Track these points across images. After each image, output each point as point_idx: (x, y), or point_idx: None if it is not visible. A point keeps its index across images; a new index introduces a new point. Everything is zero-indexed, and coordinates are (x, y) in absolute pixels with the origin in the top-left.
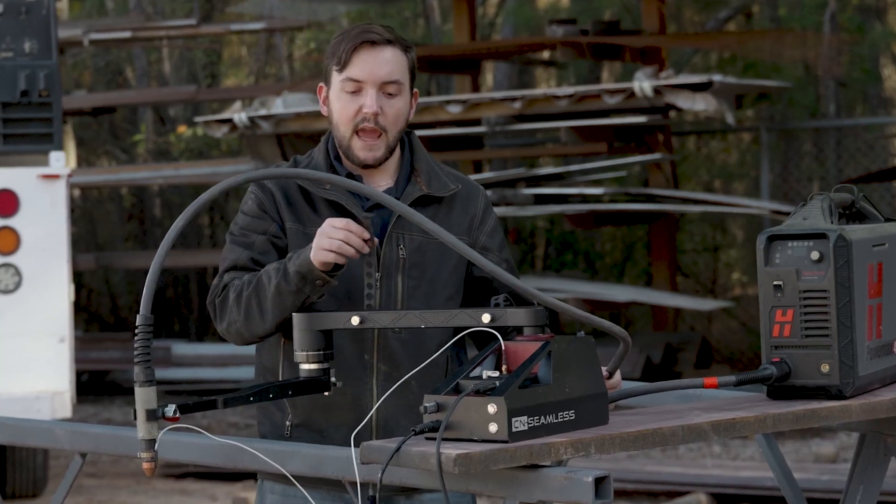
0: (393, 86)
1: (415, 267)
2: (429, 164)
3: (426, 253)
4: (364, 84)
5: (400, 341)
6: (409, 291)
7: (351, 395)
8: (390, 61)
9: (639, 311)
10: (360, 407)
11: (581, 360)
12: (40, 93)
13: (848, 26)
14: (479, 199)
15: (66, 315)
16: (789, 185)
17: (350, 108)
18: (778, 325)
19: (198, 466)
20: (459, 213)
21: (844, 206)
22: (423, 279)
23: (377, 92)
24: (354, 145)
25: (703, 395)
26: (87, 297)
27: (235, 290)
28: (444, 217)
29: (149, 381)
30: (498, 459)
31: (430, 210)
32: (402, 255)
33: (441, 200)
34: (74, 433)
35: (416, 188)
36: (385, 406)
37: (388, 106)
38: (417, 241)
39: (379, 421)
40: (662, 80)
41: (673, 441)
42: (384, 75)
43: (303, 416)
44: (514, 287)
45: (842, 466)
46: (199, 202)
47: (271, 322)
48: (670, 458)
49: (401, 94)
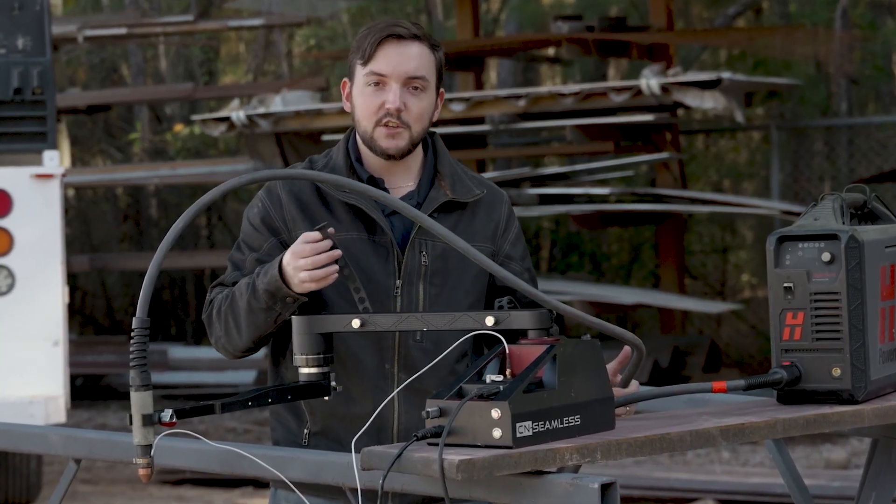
0: (418, 81)
1: (437, 274)
2: (452, 166)
3: (449, 259)
4: (388, 78)
5: (421, 350)
6: (432, 299)
7: (371, 404)
8: (416, 56)
9: (646, 314)
10: (381, 416)
11: (587, 364)
12: (34, 90)
13: (860, 22)
14: (504, 206)
15: (60, 318)
16: (800, 184)
17: (373, 103)
18: (788, 328)
19: (195, 473)
20: (483, 219)
21: (856, 206)
22: (445, 286)
23: (401, 87)
24: (377, 135)
25: (712, 400)
26: (82, 300)
27: (216, 305)
28: (468, 223)
29: (145, 385)
30: (502, 465)
31: (454, 216)
32: (425, 262)
33: (465, 206)
34: (69, 439)
35: (440, 193)
36: (407, 415)
37: (413, 102)
38: (440, 247)
39: (400, 430)
40: (670, 78)
41: (681, 447)
42: (409, 70)
43: (322, 424)
44: (534, 298)
45: (853, 473)
46: (200, 203)
47: (247, 338)
48: (678, 464)
49: (426, 91)
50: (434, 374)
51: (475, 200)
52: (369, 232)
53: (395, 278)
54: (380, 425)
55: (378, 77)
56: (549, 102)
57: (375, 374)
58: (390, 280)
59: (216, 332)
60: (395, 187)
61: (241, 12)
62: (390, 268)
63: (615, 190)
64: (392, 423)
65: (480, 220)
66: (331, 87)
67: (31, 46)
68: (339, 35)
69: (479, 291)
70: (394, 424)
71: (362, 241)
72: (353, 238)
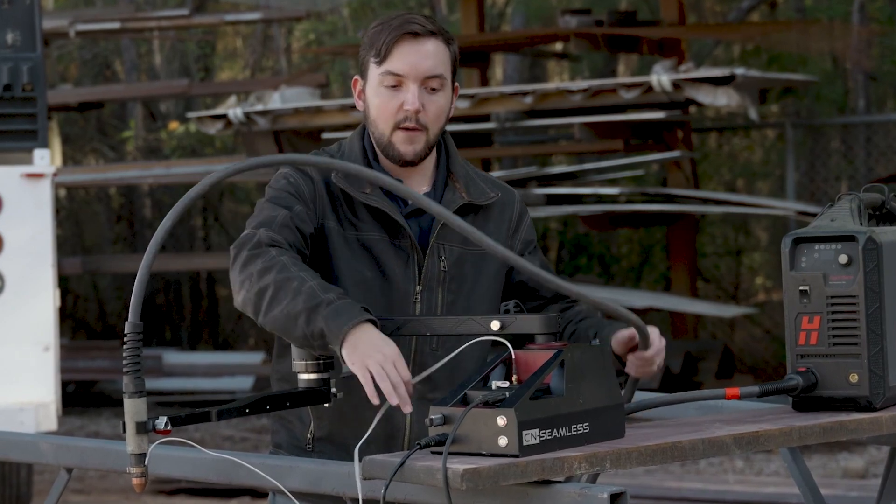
0: (436, 80)
1: (454, 280)
2: (465, 167)
3: (464, 265)
4: (405, 79)
5: (436, 359)
6: (448, 306)
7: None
8: (433, 54)
9: (657, 318)
10: (393, 423)
11: (596, 370)
12: (24, 87)
13: (878, 16)
14: (515, 205)
15: (51, 322)
16: (816, 184)
17: (391, 105)
18: (804, 333)
19: (190, 482)
20: (496, 221)
21: (874, 206)
22: (461, 293)
23: (419, 87)
24: (396, 139)
25: (725, 407)
26: (74, 303)
27: (268, 260)
28: (481, 226)
29: (139, 391)
30: (508, 475)
31: (468, 219)
32: (444, 267)
33: (479, 209)
34: (60, 447)
35: (456, 195)
36: (419, 423)
37: (430, 102)
38: (457, 252)
39: (411, 439)
40: (682, 74)
41: (693, 455)
42: (427, 69)
43: (328, 428)
44: (559, 288)
45: (871, 482)
46: (188, 197)
47: (267, 325)
48: (690, 474)
49: (443, 90)
50: (449, 383)
51: (489, 203)
52: (390, 235)
53: (416, 283)
54: (390, 433)
55: (395, 77)
56: (556, 99)
57: None
58: (410, 285)
59: (246, 282)
60: None
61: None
62: (410, 272)
63: (625, 190)
64: (404, 432)
65: (494, 222)
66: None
67: (21, 41)
68: (339, 30)
69: (494, 297)
70: (405, 433)
71: (384, 242)
72: (375, 239)
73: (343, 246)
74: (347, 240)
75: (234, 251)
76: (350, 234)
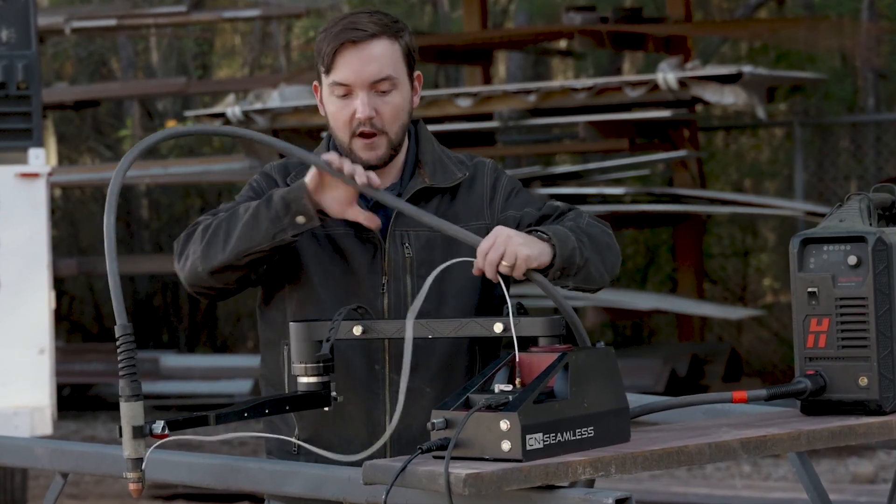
0: (384, 83)
1: (423, 265)
2: (435, 153)
3: (434, 249)
4: (353, 87)
5: (412, 348)
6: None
7: (363, 408)
8: (378, 57)
9: (663, 320)
10: (373, 421)
11: (601, 373)
12: (18, 85)
13: (888, 13)
14: (487, 175)
15: (46, 324)
16: (825, 184)
17: (344, 114)
18: (812, 335)
19: (188, 487)
20: (464, 199)
21: (884, 206)
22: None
23: (368, 93)
24: (356, 147)
25: (732, 411)
26: (69, 305)
27: (206, 223)
28: (447, 207)
29: (135, 395)
30: (511, 480)
31: (433, 202)
32: (409, 253)
33: (445, 191)
34: (55, 451)
35: (417, 181)
36: (400, 419)
37: (384, 104)
38: (424, 237)
39: (393, 435)
40: (688, 72)
41: (700, 460)
42: (372, 74)
43: (311, 430)
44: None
45: (881, 487)
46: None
47: (231, 253)
48: (697, 479)
49: (396, 89)
50: (426, 370)
51: (456, 185)
52: (356, 228)
53: (382, 275)
54: (372, 430)
55: (342, 87)
56: (560, 97)
57: (366, 377)
58: (377, 277)
59: (192, 247)
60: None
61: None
62: (377, 264)
63: (630, 190)
64: (384, 427)
65: (461, 200)
66: None
67: (16, 39)
68: None
69: (471, 278)
70: (386, 427)
71: (349, 236)
72: (341, 234)
73: (310, 243)
74: (316, 236)
75: (176, 244)
76: (317, 230)
